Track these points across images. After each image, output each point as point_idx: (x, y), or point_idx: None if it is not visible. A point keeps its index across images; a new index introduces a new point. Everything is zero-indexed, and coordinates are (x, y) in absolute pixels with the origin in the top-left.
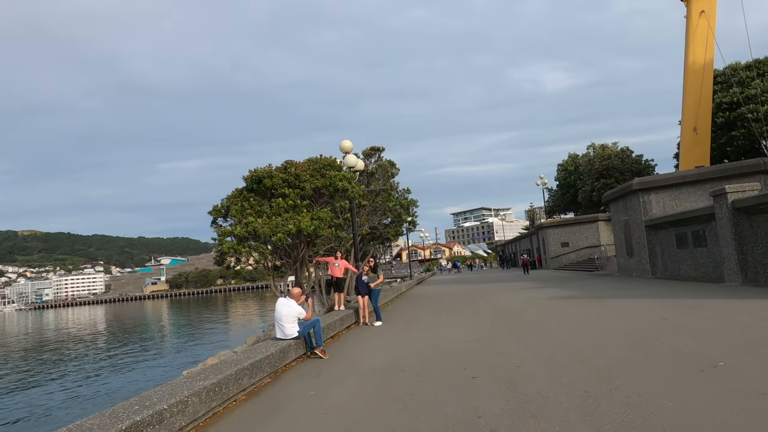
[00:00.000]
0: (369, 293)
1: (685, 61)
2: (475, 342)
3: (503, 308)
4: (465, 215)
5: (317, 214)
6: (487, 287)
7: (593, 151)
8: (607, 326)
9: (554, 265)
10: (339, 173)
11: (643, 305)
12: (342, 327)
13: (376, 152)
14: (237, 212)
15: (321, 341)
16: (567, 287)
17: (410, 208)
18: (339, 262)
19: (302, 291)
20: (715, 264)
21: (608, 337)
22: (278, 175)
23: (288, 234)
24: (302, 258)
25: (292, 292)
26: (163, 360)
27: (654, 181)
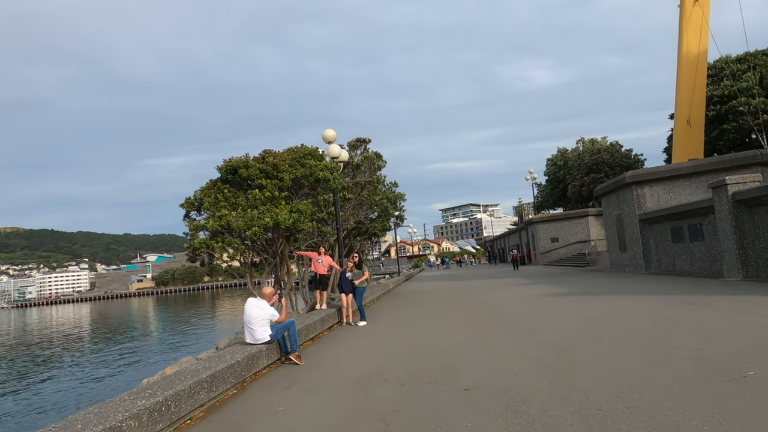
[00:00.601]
0: (353, 291)
1: (678, 51)
2: (467, 345)
3: (495, 306)
4: (453, 211)
5: (296, 206)
6: (477, 284)
7: (582, 145)
8: (610, 327)
9: (544, 261)
10: (320, 163)
11: (643, 303)
12: (323, 328)
13: (362, 144)
14: (210, 205)
15: (296, 346)
16: (559, 283)
17: (397, 201)
18: (322, 257)
19: (276, 290)
20: (712, 259)
21: (614, 341)
22: (255, 165)
23: (264, 228)
24: (282, 254)
25: (263, 292)
26: (132, 364)
27: (648, 174)
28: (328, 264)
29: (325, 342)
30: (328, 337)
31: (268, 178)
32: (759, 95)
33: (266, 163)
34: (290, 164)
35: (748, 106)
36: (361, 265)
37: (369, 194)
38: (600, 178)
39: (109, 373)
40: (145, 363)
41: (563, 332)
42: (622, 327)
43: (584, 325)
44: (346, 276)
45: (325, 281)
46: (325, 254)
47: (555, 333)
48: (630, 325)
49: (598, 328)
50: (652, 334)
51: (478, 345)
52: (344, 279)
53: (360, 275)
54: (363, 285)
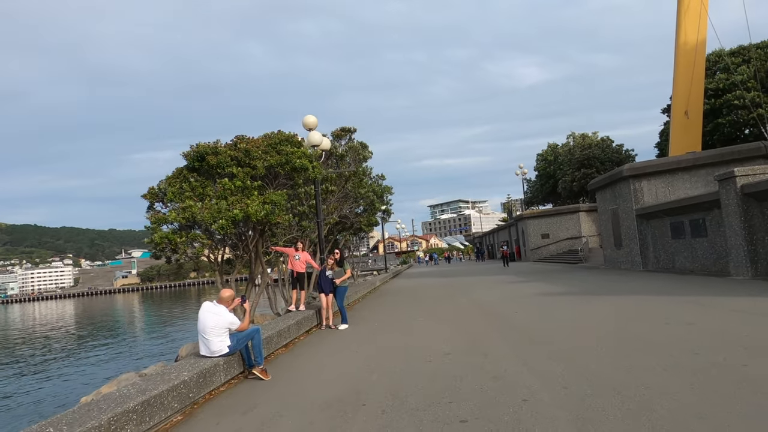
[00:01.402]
0: (334, 291)
1: (676, 41)
2: (460, 355)
3: (488, 306)
4: (442, 207)
5: (270, 196)
6: (467, 281)
7: (573, 140)
8: (622, 333)
9: (534, 257)
10: (298, 150)
11: (651, 304)
12: (299, 332)
13: (346, 133)
14: (174, 195)
15: (261, 358)
16: (555, 281)
17: (384, 195)
18: (300, 254)
19: (236, 293)
20: (717, 256)
21: (634, 352)
22: (225, 152)
23: (233, 221)
24: (255, 250)
25: (220, 295)
26: (72, 376)
27: (646, 167)
28: (306, 261)
29: (300, 349)
30: (304, 344)
31: (240, 166)
32: (754, 89)
33: (238, 149)
34: (264, 151)
35: (743, 99)
36: (343, 263)
37: (354, 187)
38: (591, 174)
39: (40, 386)
40: (90, 375)
41: (570, 339)
42: (636, 333)
43: (591, 330)
44: (325, 274)
45: (302, 280)
46: (303, 250)
47: (560, 339)
48: (644, 330)
49: (608, 334)
50: (676, 343)
51: (472, 355)
52: (324, 278)
53: (341, 273)
54: (344, 284)
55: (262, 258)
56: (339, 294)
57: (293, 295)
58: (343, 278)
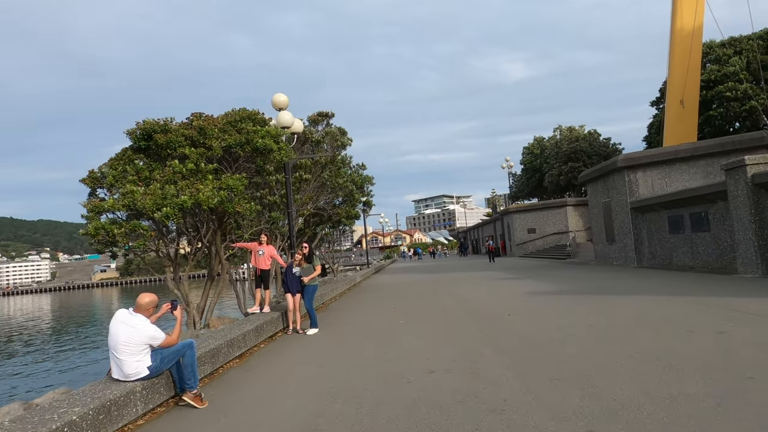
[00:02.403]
0: (301, 290)
1: (671, 27)
2: (446, 374)
3: (477, 307)
4: (426, 202)
5: (226, 181)
6: (453, 277)
7: (560, 134)
8: (641, 345)
9: (520, 252)
10: (261, 129)
11: (663, 306)
12: (259, 339)
13: (324, 118)
14: (115, 179)
15: (195, 381)
16: (545, 278)
17: (365, 186)
18: (263, 248)
19: (191, 292)
20: (720, 251)
21: (663, 373)
22: (177, 130)
23: (181, 209)
24: (215, 244)
25: (138, 302)
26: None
27: (641, 158)
28: (271, 256)
29: (256, 361)
30: (263, 353)
31: (194, 147)
32: (747, 80)
33: (192, 128)
34: (222, 129)
35: (735, 91)
36: (312, 258)
37: (331, 176)
38: (578, 167)
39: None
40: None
41: (578, 351)
42: (657, 344)
43: (601, 339)
44: (292, 272)
45: (267, 278)
46: (268, 244)
47: (566, 352)
48: (666, 341)
49: (622, 345)
50: (715, 361)
51: (462, 373)
52: (290, 275)
53: (310, 271)
54: (314, 283)
55: (222, 253)
56: (307, 294)
57: (257, 295)
58: (312, 276)
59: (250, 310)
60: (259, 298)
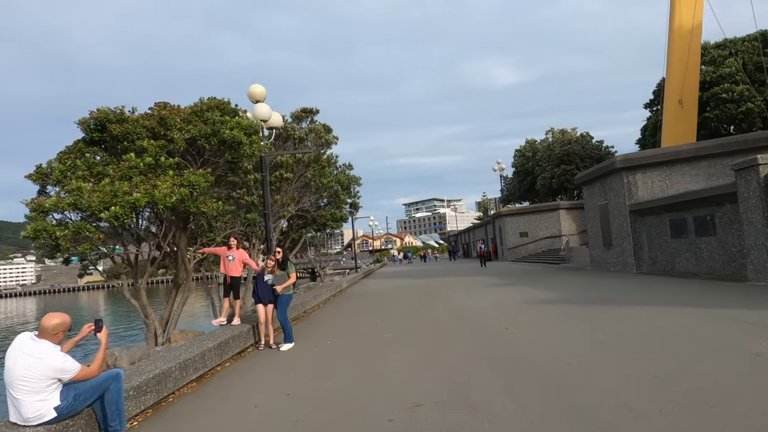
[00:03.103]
0: (274, 301)
1: (669, 24)
2: (436, 409)
3: (471, 318)
4: (417, 206)
5: (188, 177)
6: (444, 282)
7: (552, 136)
8: (665, 368)
9: (512, 257)
10: (230, 120)
11: (676, 319)
12: (223, 358)
13: (308, 115)
14: (62, 174)
15: (122, 422)
16: (541, 285)
17: (351, 186)
18: (233, 253)
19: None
20: (728, 257)
21: (705, 406)
22: (135, 121)
23: (133, 208)
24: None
25: (42, 324)
26: None
27: (641, 158)
28: (243, 262)
29: (215, 387)
30: (225, 375)
31: (154, 139)
32: (743, 82)
33: (152, 118)
34: (186, 120)
35: (731, 93)
36: (286, 265)
37: (314, 175)
38: (571, 170)
39: None
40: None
41: (598, 379)
42: (689, 368)
43: (617, 360)
44: (263, 279)
45: (237, 286)
46: (239, 248)
47: (583, 379)
48: (697, 362)
49: (646, 367)
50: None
51: (455, 407)
52: (261, 284)
53: (284, 279)
54: (288, 292)
55: (186, 258)
56: (281, 305)
57: (225, 305)
58: (285, 285)
59: (215, 322)
60: (227, 308)
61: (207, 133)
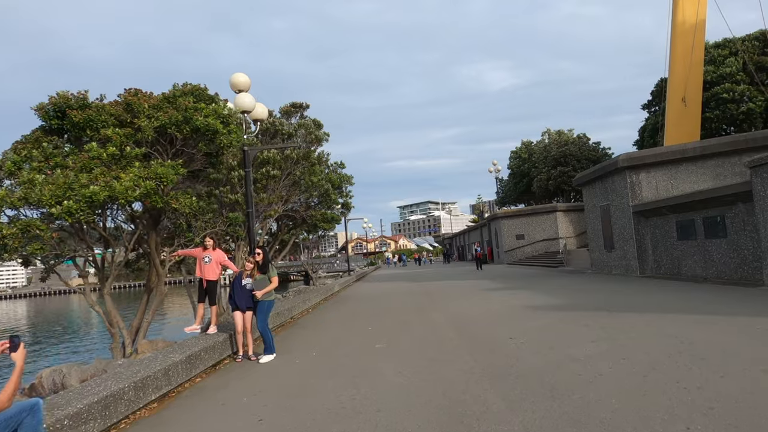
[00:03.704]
0: (254, 307)
1: (672, 20)
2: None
3: (470, 327)
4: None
5: (155, 169)
6: (440, 286)
7: (549, 138)
8: (716, 395)
9: (508, 260)
10: (205, 106)
11: (704, 329)
12: (192, 373)
13: (298, 110)
14: (15, 165)
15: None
16: (543, 289)
17: (343, 186)
18: (210, 254)
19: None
20: (740, 260)
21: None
22: (100, 107)
23: (89, 202)
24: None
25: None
26: None
27: (645, 157)
28: (220, 263)
29: (177, 409)
30: (192, 394)
31: (122, 126)
32: (743, 82)
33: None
34: (155, 106)
35: (732, 93)
36: (267, 268)
37: (303, 173)
38: (568, 171)
39: None
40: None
41: (626, 405)
42: (743, 395)
43: (650, 383)
44: (241, 283)
45: (214, 291)
46: (215, 249)
47: (608, 406)
48: (750, 385)
49: (691, 394)
50: None
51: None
52: (238, 288)
53: (265, 283)
54: (269, 298)
55: (158, 261)
56: (261, 312)
57: (200, 311)
58: (266, 290)
59: (189, 330)
60: (202, 314)
61: (178, 120)
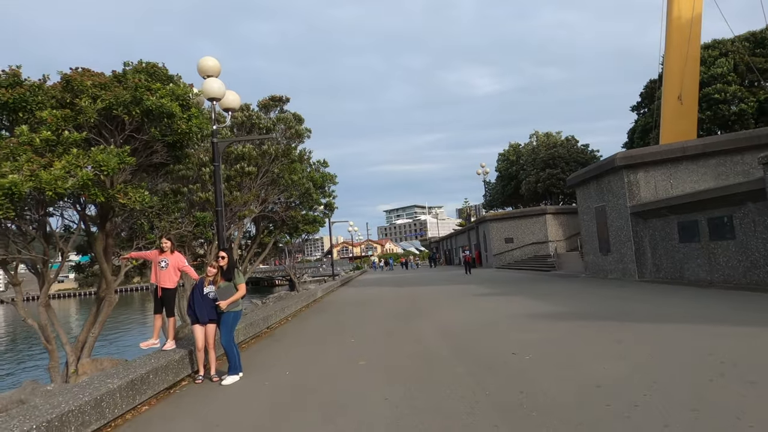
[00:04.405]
0: (218, 319)
1: (667, 15)
2: None
3: (464, 340)
4: (398, 212)
5: (96, 156)
6: (429, 292)
7: (537, 140)
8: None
9: (497, 263)
10: (161, 86)
11: (752, 348)
12: (137, 401)
13: (277, 104)
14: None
15: None
16: (539, 295)
17: (326, 185)
18: (167, 258)
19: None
20: (750, 264)
21: None
22: (36, 86)
23: (9, 195)
24: (97, 251)
25: None
26: None
27: (644, 156)
28: (178, 268)
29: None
30: (135, 427)
31: (61, 107)
32: (734, 82)
33: (55, 85)
34: (101, 85)
35: (724, 93)
36: (233, 274)
37: (283, 170)
38: (556, 174)
39: None
40: None
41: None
42: None
43: (723, 426)
44: (202, 292)
45: (171, 300)
46: (173, 252)
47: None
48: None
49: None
50: None
51: None
52: (199, 298)
53: (230, 291)
54: (235, 309)
55: (105, 265)
56: (225, 325)
57: (156, 323)
58: (231, 300)
59: (144, 345)
60: (159, 327)
61: (126, 100)
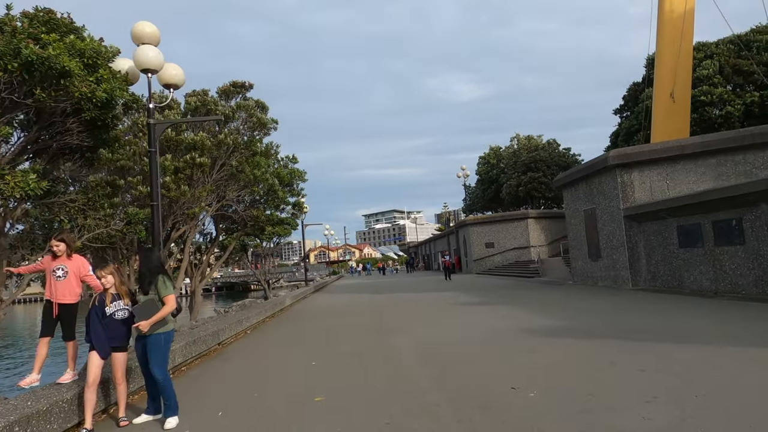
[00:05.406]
0: (142, 347)
1: (659, 9)
2: None
3: (450, 363)
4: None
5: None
6: (407, 300)
7: (518, 143)
8: None
9: (477, 269)
10: (57, 36)
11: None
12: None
13: (240, 90)
14: None
15: None
16: (528, 305)
17: (294, 182)
18: (64, 264)
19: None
20: (762, 272)
21: None
22: None
23: None
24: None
25: None
26: None
27: (638, 154)
28: (81, 278)
29: None
30: None
31: None
32: (720, 84)
33: None
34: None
35: (710, 95)
36: (155, 282)
37: (242, 163)
38: (538, 177)
39: None
40: None
41: None
42: None
43: None
44: (104, 313)
45: (70, 319)
46: (71, 256)
47: None
48: None
49: None
50: None
51: None
52: (98, 319)
53: (153, 308)
54: (163, 329)
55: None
56: (154, 353)
57: (40, 352)
58: (156, 317)
59: (24, 383)
60: (44, 357)
61: (2, 51)
